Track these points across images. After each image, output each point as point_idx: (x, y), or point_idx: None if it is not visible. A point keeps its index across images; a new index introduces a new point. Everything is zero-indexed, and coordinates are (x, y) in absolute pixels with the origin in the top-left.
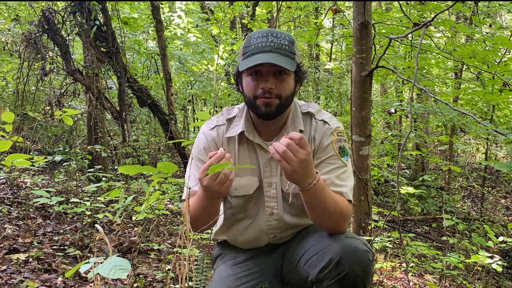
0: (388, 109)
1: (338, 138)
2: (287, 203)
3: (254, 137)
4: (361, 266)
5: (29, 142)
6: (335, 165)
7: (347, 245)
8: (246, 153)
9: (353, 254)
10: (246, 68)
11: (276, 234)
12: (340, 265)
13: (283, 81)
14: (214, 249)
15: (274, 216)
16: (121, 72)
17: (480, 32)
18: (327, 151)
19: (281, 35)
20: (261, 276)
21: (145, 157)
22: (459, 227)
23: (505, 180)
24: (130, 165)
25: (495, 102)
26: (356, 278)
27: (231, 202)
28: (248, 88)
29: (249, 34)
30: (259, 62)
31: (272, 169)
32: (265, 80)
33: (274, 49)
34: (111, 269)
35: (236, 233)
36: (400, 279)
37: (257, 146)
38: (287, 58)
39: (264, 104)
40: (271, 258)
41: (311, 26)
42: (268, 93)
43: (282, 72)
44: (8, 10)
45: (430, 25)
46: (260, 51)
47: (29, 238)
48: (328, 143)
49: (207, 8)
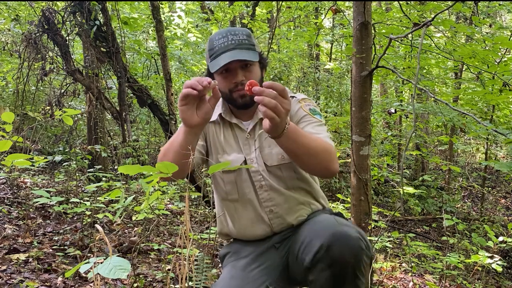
0: (388, 109)
1: (305, 104)
2: (274, 176)
3: (231, 118)
4: (352, 253)
5: (29, 142)
6: (309, 121)
7: (338, 231)
8: (229, 133)
9: (343, 241)
10: (218, 69)
11: (271, 208)
12: (331, 251)
13: (251, 71)
14: (222, 248)
15: (264, 188)
16: (121, 72)
17: (480, 32)
18: (298, 115)
19: (239, 31)
20: (269, 274)
21: (145, 157)
22: (459, 227)
23: (505, 180)
24: (130, 165)
25: (495, 102)
26: (346, 265)
27: (223, 179)
28: (223, 85)
29: (210, 36)
30: (228, 60)
31: (251, 146)
32: (235, 75)
33: (236, 46)
34: (111, 269)
35: (236, 215)
36: (400, 279)
37: (234, 125)
38: (249, 51)
39: (239, 96)
40: (278, 253)
41: (311, 26)
42: (240, 85)
43: (247, 64)
44: (8, 10)
45: (430, 25)
46: (224, 51)
47: (29, 238)
48: (297, 108)
49: (207, 8)
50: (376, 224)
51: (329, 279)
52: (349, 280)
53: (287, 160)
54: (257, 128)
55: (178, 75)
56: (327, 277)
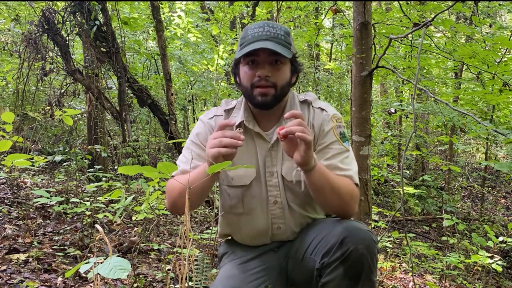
0: (388, 109)
1: (337, 124)
2: (290, 192)
3: (254, 126)
4: (365, 244)
5: (29, 142)
6: (338, 150)
7: (350, 225)
8: (249, 143)
9: (356, 233)
10: (244, 55)
11: (280, 225)
12: (344, 244)
13: (279, 70)
14: (220, 247)
15: (278, 204)
16: (121, 72)
17: (480, 32)
18: (328, 137)
19: (277, 26)
20: (267, 275)
21: (145, 157)
22: (459, 227)
23: (505, 180)
24: (130, 165)
25: (495, 102)
26: (361, 257)
27: (229, 194)
28: (246, 77)
29: (246, 26)
30: (256, 47)
31: (273, 158)
32: (262, 68)
33: (270, 38)
34: (111, 269)
35: (238, 228)
36: (400, 279)
37: (256, 135)
38: (283, 46)
39: (260, 94)
40: (277, 256)
41: (311, 26)
42: (264, 80)
43: (278, 61)
44: (8, 10)
45: (430, 25)
46: (256, 40)
47: (29, 238)
48: (328, 129)
49: (207, 8)
50: (376, 224)
51: (343, 276)
52: (365, 275)
53: None
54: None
55: (178, 75)
56: (342, 275)
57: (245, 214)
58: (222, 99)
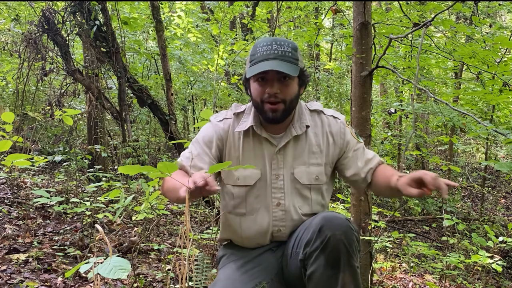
0: (388, 109)
1: (349, 127)
2: (300, 197)
3: (262, 132)
4: (342, 231)
5: (29, 142)
6: (361, 148)
7: (327, 215)
8: (251, 147)
9: (333, 221)
10: (253, 75)
11: (280, 228)
12: (322, 232)
13: (287, 85)
14: (219, 250)
15: (280, 206)
16: (121, 72)
17: (480, 32)
18: (352, 144)
19: (285, 43)
20: (266, 274)
21: (145, 157)
22: (459, 227)
23: (505, 180)
24: (130, 165)
25: (495, 102)
26: (338, 242)
27: (233, 193)
28: (255, 93)
29: (255, 42)
30: (264, 69)
31: (279, 161)
32: (271, 86)
33: (278, 56)
34: (111, 269)
35: (240, 229)
36: (400, 279)
37: (264, 139)
38: (291, 64)
39: (270, 110)
40: (275, 255)
41: (311, 26)
42: (273, 97)
43: (286, 77)
44: (8, 10)
45: (430, 25)
46: (265, 59)
47: (29, 238)
48: (350, 137)
49: (207, 8)
50: (376, 224)
51: (325, 266)
52: (344, 261)
53: (320, 182)
54: (289, 145)
55: (178, 75)
56: (324, 264)
57: (247, 214)
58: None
